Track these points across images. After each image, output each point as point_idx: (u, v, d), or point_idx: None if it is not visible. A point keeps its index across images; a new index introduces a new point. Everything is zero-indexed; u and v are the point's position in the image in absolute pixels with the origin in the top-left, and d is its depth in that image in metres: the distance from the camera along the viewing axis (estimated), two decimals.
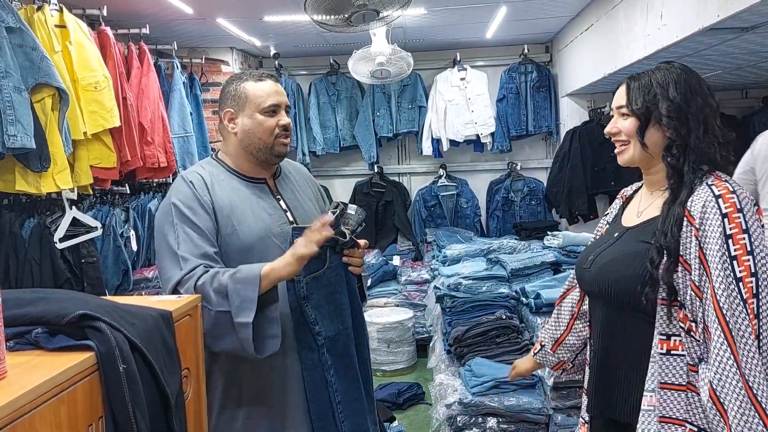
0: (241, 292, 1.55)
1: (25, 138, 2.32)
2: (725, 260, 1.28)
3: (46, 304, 1.05)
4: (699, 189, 1.36)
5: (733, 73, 4.20)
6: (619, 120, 1.50)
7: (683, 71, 1.47)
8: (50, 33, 2.67)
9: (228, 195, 1.74)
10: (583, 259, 1.61)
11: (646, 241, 1.43)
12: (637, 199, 1.60)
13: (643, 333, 1.41)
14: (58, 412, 0.92)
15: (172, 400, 1.14)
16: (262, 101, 1.77)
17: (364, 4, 2.56)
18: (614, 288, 1.46)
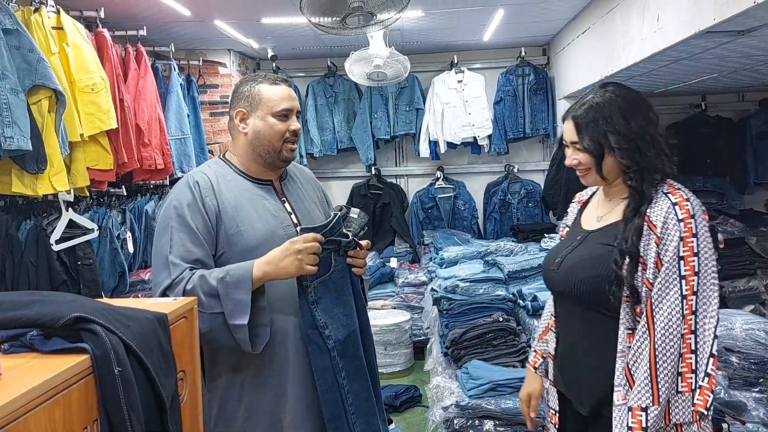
0: (232, 295, 1.57)
1: (22, 140, 2.32)
2: (673, 259, 1.44)
3: (41, 306, 1.05)
4: (657, 198, 1.52)
5: (730, 76, 4.21)
6: (576, 153, 1.64)
7: (619, 95, 1.59)
8: (47, 35, 2.67)
9: (234, 195, 1.75)
10: (550, 261, 1.72)
11: (608, 243, 1.56)
12: (594, 204, 1.74)
13: (608, 329, 1.54)
14: (53, 415, 0.92)
15: (168, 403, 1.14)
16: (275, 104, 1.78)
17: (360, 6, 2.56)
18: (582, 287, 1.58)
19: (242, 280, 1.58)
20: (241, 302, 1.57)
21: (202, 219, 1.69)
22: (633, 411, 1.44)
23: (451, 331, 3.08)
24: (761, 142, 5.35)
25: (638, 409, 1.44)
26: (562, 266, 1.65)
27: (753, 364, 2.57)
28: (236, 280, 1.58)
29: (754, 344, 2.57)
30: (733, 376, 2.56)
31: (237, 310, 1.57)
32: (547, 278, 1.75)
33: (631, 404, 1.45)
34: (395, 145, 5.69)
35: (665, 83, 4.47)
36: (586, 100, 1.63)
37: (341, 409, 1.71)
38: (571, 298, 1.63)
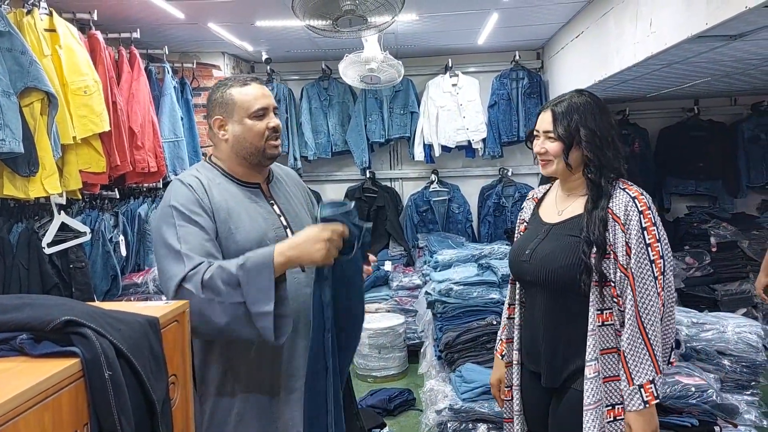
0: (255, 281, 1.51)
1: (14, 142, 2.31)
2: (642, 246, 1.65)
3: (32, 310, 1.04)
4: (616, 194, 1.73)
5: (722, 80, 4.23)
6: (546, 142, 1.82)
7: (592, 99, 1.81)
8: (40, 37, 2.66)
9: (225, 198, 1.74)
10: (518, 253, 1.89)
11: (573, 235, 1.75)
12: (551, 200, 1.93)
13: (576, 312, 1.73)
14: (43, 419, 0.92)
15: (159, 407, 1.13)
16: (249, 105, 1.77)
17: (352, 9, 2.56)
18: (555, 276, 1.75)
19: (264, 265, 1.52)
20: (265, 289, 1.51)
21: (203, 215, 1.67)
22: (644, 387, 1.63)
23: (445, 335, 3.08)
24: (753, 146, 5.38)
25: (648, 383, 1.63)
26: (533, 258, 1.81)
27: (745, 367, 2.58)
28: (258, 266, 1.53)
29: (746, 347, 2.58)
30: (725, 379, 2.57)
31: (261, 297, 1.51)
32: (517, 269, 1.92)
33: (641, 382, 1.63)
34: (390, 149, 5.69)
35: (658, 87, 4.49)
36: (564, 98, 1.83)
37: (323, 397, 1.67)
38: (543, 286, 1.80)
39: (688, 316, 2.73)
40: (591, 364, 1.68)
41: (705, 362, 2.61)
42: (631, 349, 1.65)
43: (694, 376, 2.44)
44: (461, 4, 3.77)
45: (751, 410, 2.45)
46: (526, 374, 1.91)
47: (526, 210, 2.03)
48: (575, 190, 1.84)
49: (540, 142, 1.83)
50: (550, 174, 1.86)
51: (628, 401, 1.65)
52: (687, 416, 2.31)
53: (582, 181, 1.81)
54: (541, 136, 1.84)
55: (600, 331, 1.69)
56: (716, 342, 2.62)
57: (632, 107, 5.56)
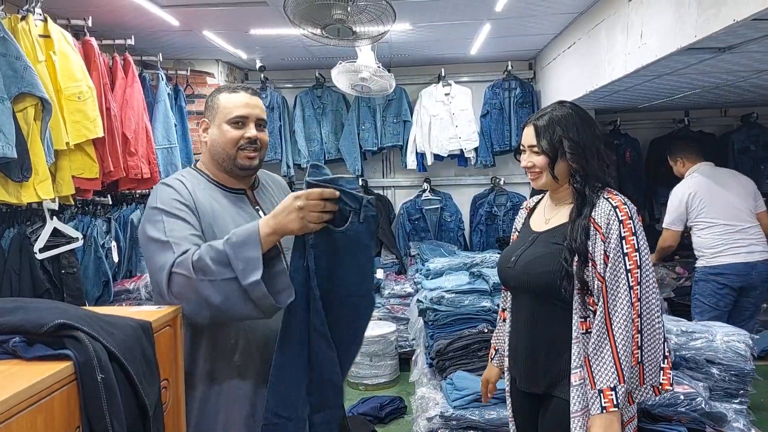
0: (242, 254, 1.47)
1: (7, 147, 2.31)
2: (618, 256, 1.67)
3: (25, 313, 1.05)
4: (599, 203, 1.75)
5: (712, 91, 4.28)
6: (532, 156, 1.85)
7: (574, 111, 1.84)
8: (34, 43, 2.66)
9: (209, 203, 1.73)
10: (505, 260, 1.93)
11: (556, 242, 1.78)
12: (541, 209, 1.98)
13: (561, 318, 1.75)
14: (35, 422, 0.92)
15: (151, 411, 1.14)
16: (229, 111, 1.76)
17: (341, 19, 2.58)
18: (536, 282, 1.79)
19: (250, 237, 1.49)
20: (252, 259, 1.46)
21: (189, 212, 1.66)
22: (604, 392, 1.64)
23: (437, 342, 3.09)
24: (743, 156, 5.43)
25: (608, 390, 1.64)
26: (518, 264, 1.86)
27: (733, 375, 2.59)
28: (243, 238, 1.49)
29: (735, 356, 2.59)
30: (714, 387, 2.58)
31: (249, 268, 1.46)
32: (503, 275, 1.96)
33: (601, 387, 1.64)
34: (382, 157, 5.71)
35: (649, 98, 4.54)
36: (546, 111, 1.87)
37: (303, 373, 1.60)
38: (526, 292, 1.85)
39: (677, 325, 2.75)
40: (576, 371, 1.70)
41: (694, 371, 2.63)
42: (595, 354, 1.66)
43: (683, 385, 2.46)
44: (454, 14, 3.81)
45: (739, 418, 2.46)
46: (515, 383, 1.95)
47: (519, 219, 2.08)
48: (563, 200, 1.88)
49: (526, 157, 1.87)
50: (540, 187, 1.90)
51: (591, 403, 1.66)
52: (676, 424, 2.32)
53: (570, 191, 1.84)
54: (526, 151, 1.88)
55: (584, 338, 1.71)
56: (705, 351, 2.63)
57: (624, 117, 5.62)
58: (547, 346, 1.79)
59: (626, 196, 1.84)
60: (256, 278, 1.45)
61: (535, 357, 1.82)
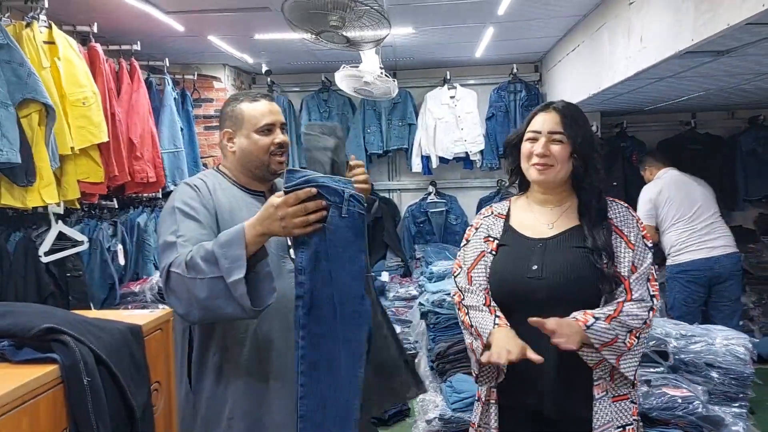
0: (227, 253, 1.52)
1: (11, 153, 2.36)
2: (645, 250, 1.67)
3: (14, 317, 1.08)
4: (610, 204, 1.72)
5: (717, 94, 4.26)
6: (552, 144, 1.68)
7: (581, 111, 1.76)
8: (38, 49, 2.71)
9: (229, 201, 1.81)
10: (520, 270, 1.69)
11: (578, 246, 1.68)
12: (527, 216, 1.80)
13: None
14: (20, 424, 0.95)
15: (139, 412, 1.17)
16: (257, 121, 1.83)
17: (337, 26, 2.61)
18: (575, 287, 1.64)
19: (235, 237, 1.53)
20: (236, 257, 1.50)
21: (205, 213, 1.73)
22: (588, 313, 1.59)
23: (437, 345, 3.10)
24: (750, 159, 5.39)
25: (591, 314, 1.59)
26: (546, 272, 1.66)
27: (733, 379, 2.58)
28: (229, 238, 1.54)
29: (734, 359, 2.58)
30: (714, 391, 2.58)
31: (234, 267, 1.50)
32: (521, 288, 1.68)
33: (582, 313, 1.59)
34: (388, 160, 5.73)
35: (654, 100, 4.53)
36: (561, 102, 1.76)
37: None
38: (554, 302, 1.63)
39: (676, 329, 2.74)
40: (599, 383, 1.61)
41: (693, 374, 2.62)
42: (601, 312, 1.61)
43: (681, 388, 2.46)
44: (456, 18, 3.83)
45: (737, 422, 2.45)
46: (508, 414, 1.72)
47: (493, 227, 1.82)
48: (557, 205, 1.75)
49: (542, 144, 1.68)
50: (549, 182, 1.72)
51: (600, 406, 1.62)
52: (673, 428, 2.32)
53: (562, 195, 1.75)
54: (542, 138, 1.68)
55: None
56: (705, 354, 2.63)
57: (630, 120, 5.60)
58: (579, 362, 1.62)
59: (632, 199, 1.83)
60: (238, 276, 1.48)
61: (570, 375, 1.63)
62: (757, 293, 4.88)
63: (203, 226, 1.69)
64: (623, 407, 1.63)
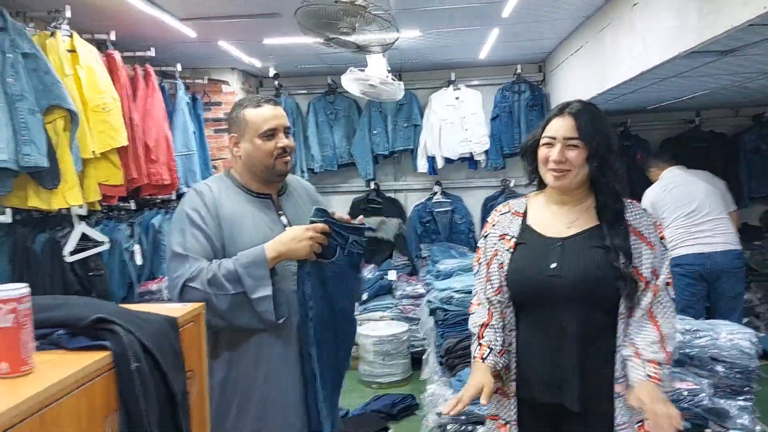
0: (252, 272, 1.75)
1: (39, 157, 2.45)
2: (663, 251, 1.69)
3: (66, 309, 1.17)
4: (628, 205, 1.72)
5: (720, 92, 4.33)
6: (568, 150, 1.68)
7: (600, 111, 1.75)
8: (61, 57, 2.81)
9: (233, 206, 1.89)
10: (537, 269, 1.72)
11: (597, 246, 1.68)
12: (545, 215, 1.80)
13: (607, 328, 1.67)
14: (79, 405, 1.04)
15: (178, 398, 1.25)
16: (259, 126, 1.90)
17: (347, 32, 2.70)
18: (594, 286, 1.66)
19: (258, 259, 1.77)
20: (262, 276, 1.75)
21: (210, 220, 1.85)
22: (651, 362, 1.61)
23: (446, 341, 3.18)
24: (755, 156, 5.45)
25: (655, 363, 1.61)
26: (565, 271, 1.67)
27: (738, 373, 2.64)
28: (252, 260, 1.77)
29: (739, 353, 2.64)
30: (719, 384, 2.64)
31: (259, 285, 1.75)
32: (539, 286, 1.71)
33: (648, 357, 1.62)
34: (394, 161, 5.81)
35: (658, 99, 4.60)
36: (577, 104, 1.73)
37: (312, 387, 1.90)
38: (574, 301, 1.66)
39: (682, 323, 2.80)
40: (621, 381, 1.63)
41: (699, 368, 2.68)
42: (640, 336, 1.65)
43: (687, 381, 2.53)
44: (462, 21, 3.91)
45: (742, 414, 2.52)
46: (526, 409, 1.76)
47: (510, 225, 1.83)
48: (575, 204, 1.76)
49: (558, 150, 1.68)
50: (565, 187, 1.72)
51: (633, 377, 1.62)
52: None
53: (581, 194, 1.75)
54: (557, 144, 1.69)
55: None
56: (710, 348, 2.68)
57: (634, 119, 5.66)
58: (594, 357, 1.66)
59: (637, 197, 1.88)
60: (265, 293, 1.76)
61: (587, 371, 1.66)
62: (762, 290, 4.93)
63: (208, 236, 1.83)
64: None
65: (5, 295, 1.00)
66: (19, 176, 2.51)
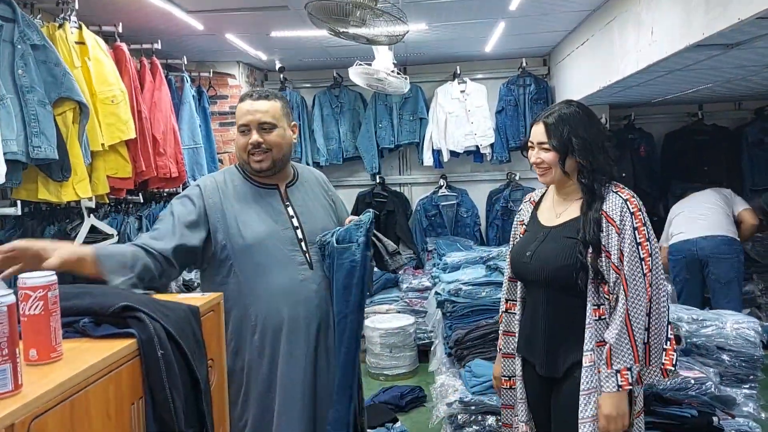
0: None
1: (49, 149, 2.45)
2: (633, 246, 1.79)
3: (92, 297, 1.18)
4: (609, 196, 1.86)
5: (725, 85, 4.34)
6: (541, 152, 1.93)
7: (580, 109, 1.94)
8: (70, 49, 2.80)
9: (239, 197, 1.92)
10: (519, 255, 2.01)
11: (570, 237, 1.88)
12: (548, 204, 2.05)
13: (576, 307, 1.86)
14: (107, 391, 1.05)
15: (203, 384, 1.27)
16: (238, 119, 1.95)
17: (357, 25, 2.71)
18: (554, 276, 1.88)
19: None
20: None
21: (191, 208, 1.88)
22: (621, 372, 1.77)
23: (455, 332, 3.20)
24: (757, 149, 5.46)
25: (625, 370, 1.77)
26: (534, 259, 1.94)
27: (743, 361, 2.67)
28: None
29: (744, 343, 2.67)
30: (725, 373, 2.67)
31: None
32: (518, 270, 2.04)
33: (617, 367, 1.77)
34: (399, 154, 5.82)
35: (662, 92, 4.61)
36: (554, 110, 1.95)
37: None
38: (542, 285, 1.93)
39: (688, 313, 2.83)
40: (587, 354, 1.82)
41: (705, 357, 2.71)
42: (616, 338, 1.77)
43: (693, 370, 2.55)
44: (469, 14, 3.91)
45: (748, 402, 2.55)
46: (528, 366, 2.03)
47: (525, 213, 2.14)
48: (571, 195, 1.96)
49: (535, 153, 1.94)
50: (548, 182, 1.99)
51: (603, 383, 1.78)
52: (687, 407, 2.41)
53: (576, 186, 1.93)
54: (535, 147, 1.94)
55: (596, 324, 1.82)
56: (715, 338, 2.71)
57: (637, 112, 5.67)
58: (564, 335, 1.89)
59: (641, 190, 1.94)
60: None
61: (555, 345, 1.91)
62: (764, 281, 4.96)
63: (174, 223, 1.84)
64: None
65: (34, 282, 1.02)
66: (29, 169, 2.51)
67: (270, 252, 1.88)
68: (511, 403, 2.13)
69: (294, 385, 1.89)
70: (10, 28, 2.42)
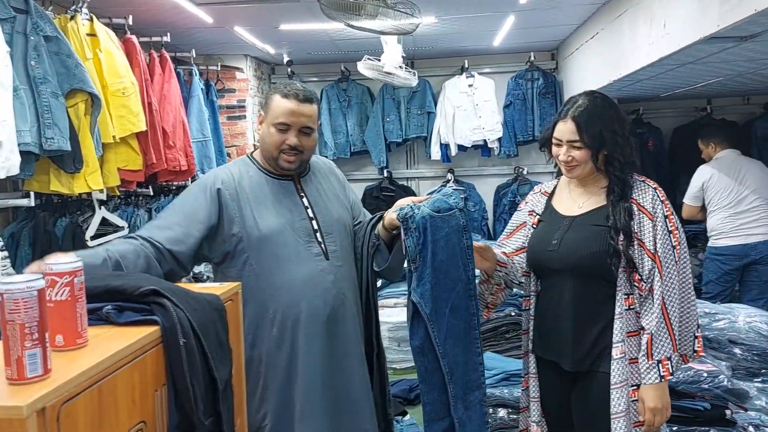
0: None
1: (62, 140, 2.45)
2: (665, 233, 1.79)
3: (124, 279, 1.21)
4: (637, 186, 1.86)
5: (735, 79, 4.31)
6: (572, 150, 1.88)
7: (605, 101, 1.92)
8: (82, 41, 2.80)
9: (254, 189, 1.90)
10: (543, 244, 1.94)
11: (598, 224, 1.85)
12: (565, 194, 2.01)
13: (605, 296, 1.83)
14: (132, 377, 1.05)
15: (221, 385, 1.24)
16: (276, 115, 1.87)
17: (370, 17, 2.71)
18: (585, 262, 1.84)
19: None
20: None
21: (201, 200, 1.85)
22: (662, 362, 1.75)
23: None
24: (766, 144, 5.43)
25: (666, 360, 1.75)
26: (562, 247, 1.88)
27: (756, 355, 2.67)
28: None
29: (757, 336, 2.67)
30: (737, 366, 2.67)
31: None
32: (541, 259, 1.95)
33: (659, 357, 1.76)
34: (407, 148, 5.81)
35: (672, 87, 4.59)
36: (580, 104, 1.89)
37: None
38: (571, 273, 1.87)
39: (700, 307, 2.81)
40: (618, 345, 1.78)
41: (717, 350, 2.71)
42: (657, 329, 1.76)
43: (706, 363, 2.54)
44: (479, 7, 3.89)
45: (761, 396, 2.54)
46: (543, 364, 1.97)
47: (537, 203, 2.06)
48: (592, 185, 1.93)
49: (565, 151, 1.88)
50: (577, 177, 1.93)
51: (644, 375, 1.76)
52: (700, 400, 2.41)
53: (598, 176, 1.90)
54: (564, 145, 1.88)
55: (626, 314, 1.80)
56: (728, 331, 2.71)
57: (646, 107, 5.65)
58: (593, 324, 1.84)
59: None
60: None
61: (583, 336, 1.85)
62: None
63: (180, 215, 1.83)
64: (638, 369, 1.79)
65: (61, 268, 1.02)
66: (41, 160, 2.51)
67: (287, 243, 1.86)
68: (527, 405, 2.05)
69: (314, 377, 1.88)
70: (23, 19, 2.42)
